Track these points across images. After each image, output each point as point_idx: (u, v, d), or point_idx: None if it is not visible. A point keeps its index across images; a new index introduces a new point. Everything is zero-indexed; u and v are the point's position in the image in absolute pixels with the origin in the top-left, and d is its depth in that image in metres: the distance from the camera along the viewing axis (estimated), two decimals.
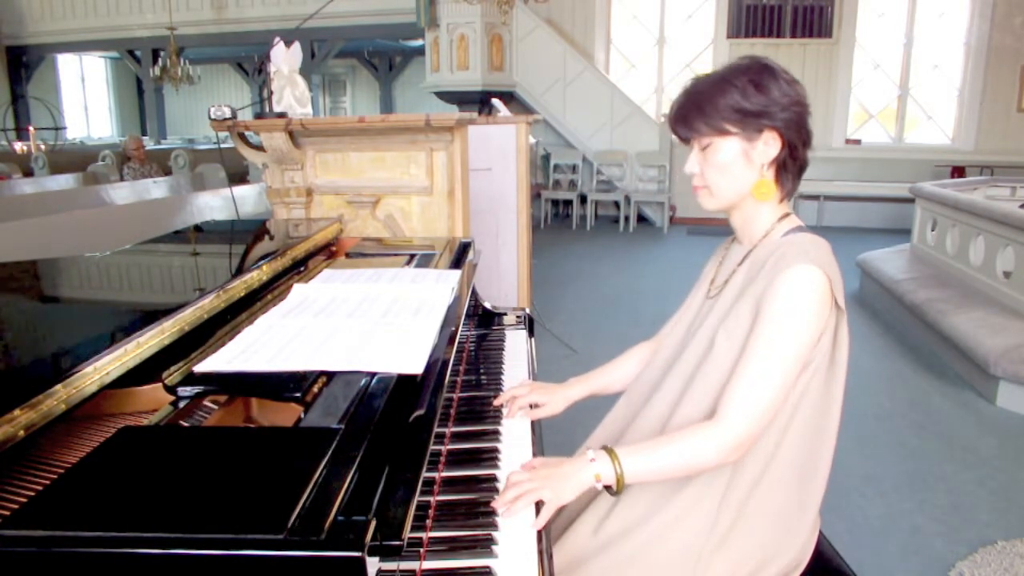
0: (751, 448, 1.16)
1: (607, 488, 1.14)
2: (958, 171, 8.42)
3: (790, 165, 1.23)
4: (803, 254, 1.16)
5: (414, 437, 0.95)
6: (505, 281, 3.65)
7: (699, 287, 1.39)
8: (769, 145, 1.20)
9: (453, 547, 1.00)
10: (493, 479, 1.18)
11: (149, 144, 10.64)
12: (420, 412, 0.99)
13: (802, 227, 1.26)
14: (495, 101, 5.45)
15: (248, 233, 2.21)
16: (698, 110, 1.21)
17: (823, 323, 1.16)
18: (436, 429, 1.09)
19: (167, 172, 8.36)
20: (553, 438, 1.71)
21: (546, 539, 1.05)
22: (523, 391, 1.47)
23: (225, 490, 0.72)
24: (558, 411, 1.46)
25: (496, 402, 1.45)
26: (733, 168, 1.21)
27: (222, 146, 3.27)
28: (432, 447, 1.02)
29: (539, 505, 1.09)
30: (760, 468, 1.19)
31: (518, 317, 2.00)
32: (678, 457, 1.13)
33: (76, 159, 9.26)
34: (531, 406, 1.46)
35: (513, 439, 1.33)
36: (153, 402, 1.01)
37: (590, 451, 1.16)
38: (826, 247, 1.21)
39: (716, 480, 1.20)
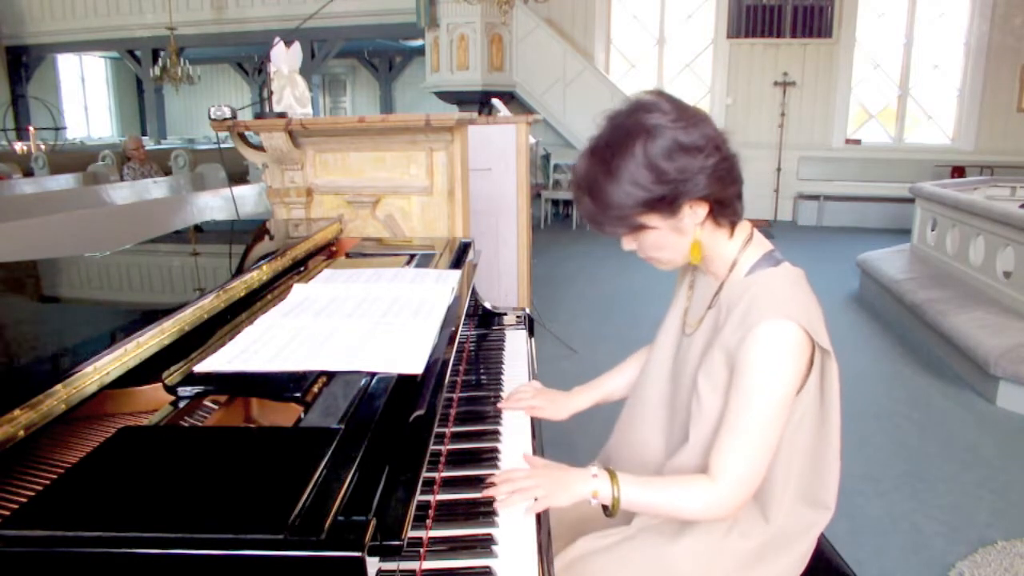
0: (744, 505, 1.15)
1: (603, 507, 1.15)
2: (958, 171, 8.43)
3: (724, 208, 1.14)
4: (775, 307, 1.10)
5: (414, 437, 0.95)
6: (505, 281, 3.65)
7: (674, 312, 1.34)
8: (695, 209, 1.12)
9: (453, 547, 1.00)
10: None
11: (149, 144, 10.64)
12: (420, 412, 0.99)
13: (770, 253, 1.19)
14: (495, 101, 5.46)
15: (248, 233, 2.21)
16: (605, 217, 1.13)
17: (802, 375, 1.12)
18: (436, 429, 1.09)
19: (167, 172, 8.36)
20: (553, 438, 1.71)
21: (546, 540, 1.05)
22: (527, 392, 1.46)
23: (225, 490, 0.72)
24: (559, 418, 1.46)
25: (500, 405, 1.45)
26: (668, 243, 1.16)
27: (222, 146, 3.27)
28: (432, 447, 1.02)
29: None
30: (774, 510, 1.20)
31: (518, 317, 2.00)
32: (670, 502, 1.14)
33: (76, 159, 9.25)
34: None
35: (513, 439, 1.33)
36: (153, 402, 1.01)
37: (593, 468, 1.16)
38: (800, 282, 1.15)
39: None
